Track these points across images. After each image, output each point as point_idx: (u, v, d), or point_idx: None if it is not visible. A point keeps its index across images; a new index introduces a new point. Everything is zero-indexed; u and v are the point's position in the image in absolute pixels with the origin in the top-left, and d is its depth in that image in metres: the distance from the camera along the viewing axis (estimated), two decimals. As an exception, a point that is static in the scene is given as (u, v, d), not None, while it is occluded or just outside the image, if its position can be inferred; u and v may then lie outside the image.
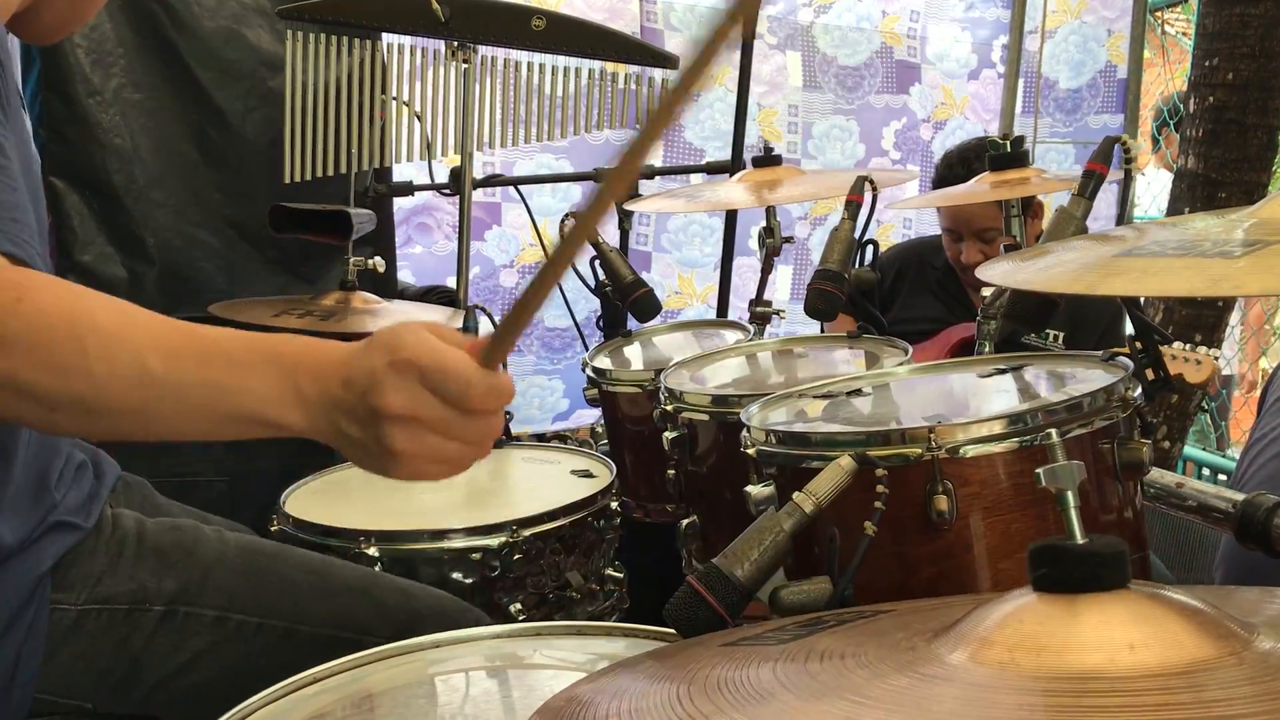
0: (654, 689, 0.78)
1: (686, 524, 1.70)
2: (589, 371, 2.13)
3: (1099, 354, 1.34)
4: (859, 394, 1.44)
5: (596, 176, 3.13)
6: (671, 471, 1.73)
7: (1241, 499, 1.30)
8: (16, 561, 1.32)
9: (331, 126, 2.73)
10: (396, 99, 2.75)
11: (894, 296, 3.15)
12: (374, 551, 1.72)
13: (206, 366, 1.00)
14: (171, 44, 3.00)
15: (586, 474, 2.04)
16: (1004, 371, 1.41)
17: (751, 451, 1.28)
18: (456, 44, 2.59)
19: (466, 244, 2.66)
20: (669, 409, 1.70)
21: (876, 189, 1.89)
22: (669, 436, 1.69)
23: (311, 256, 3.14)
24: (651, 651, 0.96)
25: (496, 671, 1.32)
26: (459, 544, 1.75)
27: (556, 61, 2.78)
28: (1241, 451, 2.11)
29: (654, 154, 0.84)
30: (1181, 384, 2.62)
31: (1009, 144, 2.06)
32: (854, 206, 1.88)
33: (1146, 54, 4.61)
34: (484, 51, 2.67)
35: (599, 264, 2.33)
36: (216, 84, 3.04)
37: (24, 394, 0.99)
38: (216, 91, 3.04)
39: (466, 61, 2.59)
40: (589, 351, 2.25)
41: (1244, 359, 5.25)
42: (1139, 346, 1.33)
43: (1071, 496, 0.82)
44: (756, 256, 2.36)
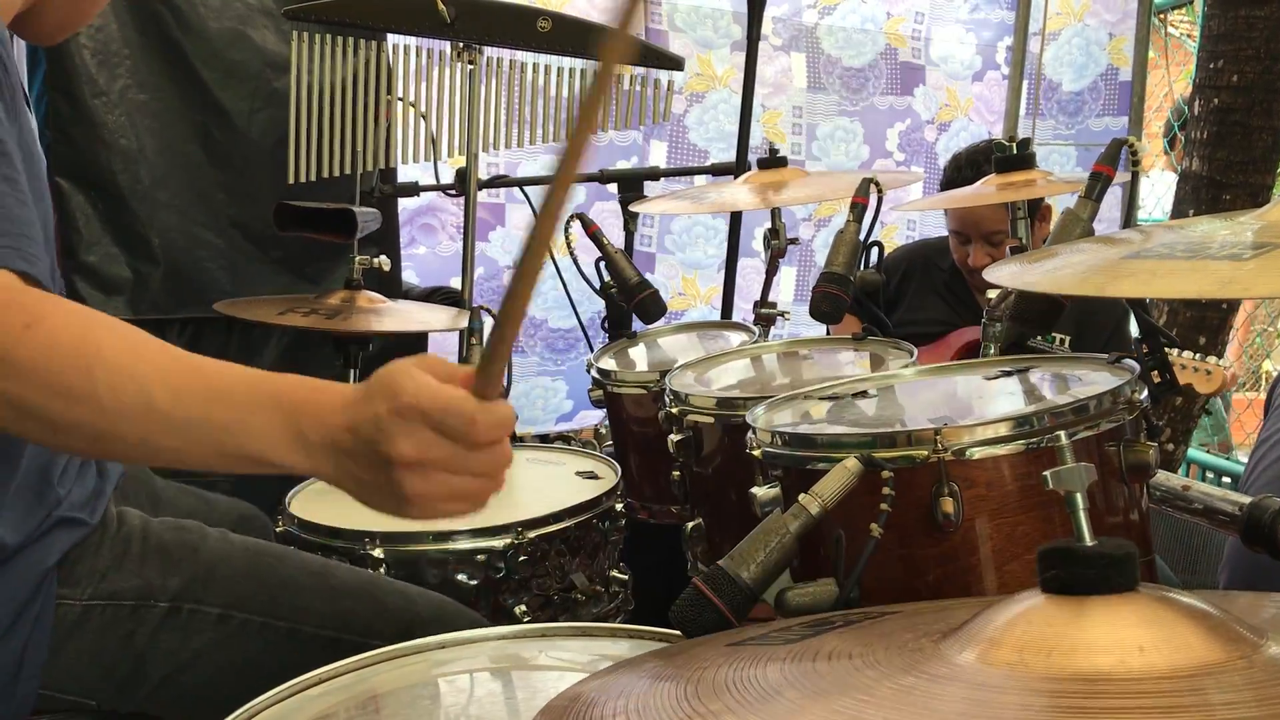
0: (659, 688, 0.78)
1: (691, 526, 1.70)
2: (594, 373, 2.13)
3: (1105, 356, 1.34)
4: (864, 396, 1.43)
5: (600, 179, 3.13)
6: (676, 473, 1.73)
7: (1248, 502, 1.30)
8: (22, 556, 1.33)
9: (337, 127, 2.73)
10: (402, 100, 2.75)
11: (900, 298, 3.15)
12: (379, 553, 1.72)
13: (211, 405, 1.02)
14: (177, 45, 3.00)
15: (591, 475, 2.04)
16: (1010, 374, 1.41)
17: (757, 453, 1.28)
18: (462, 45, 2.58)
19: (471, 245, 2.65)
20: (674, 411, 1.69)
21: (881, 191, 1.89)
22: (674, 438, 1.68)
23: (316, 257, 3.14)
24: (656, 651, 0.96)
25: (501, 673, 1.32)
26: (464, 545, 1.75)
27: (561, 63, 2.78)
28: (1250, 453, 2.10)
29: (585, 162, 0.85)
30: (1190, 393, 2.62)
31: (1015, 146, 2.06)
32: (859, 209, 1.88)
33: (1150, 55, 4.60)
34: (489, 52, 2.67)
35: (604, 265, 2.33)
36: (222, 84, 3.05)
37: (33, 417, 1.01)
38: (222, 92, 3.05)
39: (472, 62, 2.58)
40: (594, 353, 2.25)
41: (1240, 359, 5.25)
42: (1145, 349, 1.32)
43: (1080, 499, 0.82)
44: (761, 258, 2.36)
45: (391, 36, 2.80)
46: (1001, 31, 4.38)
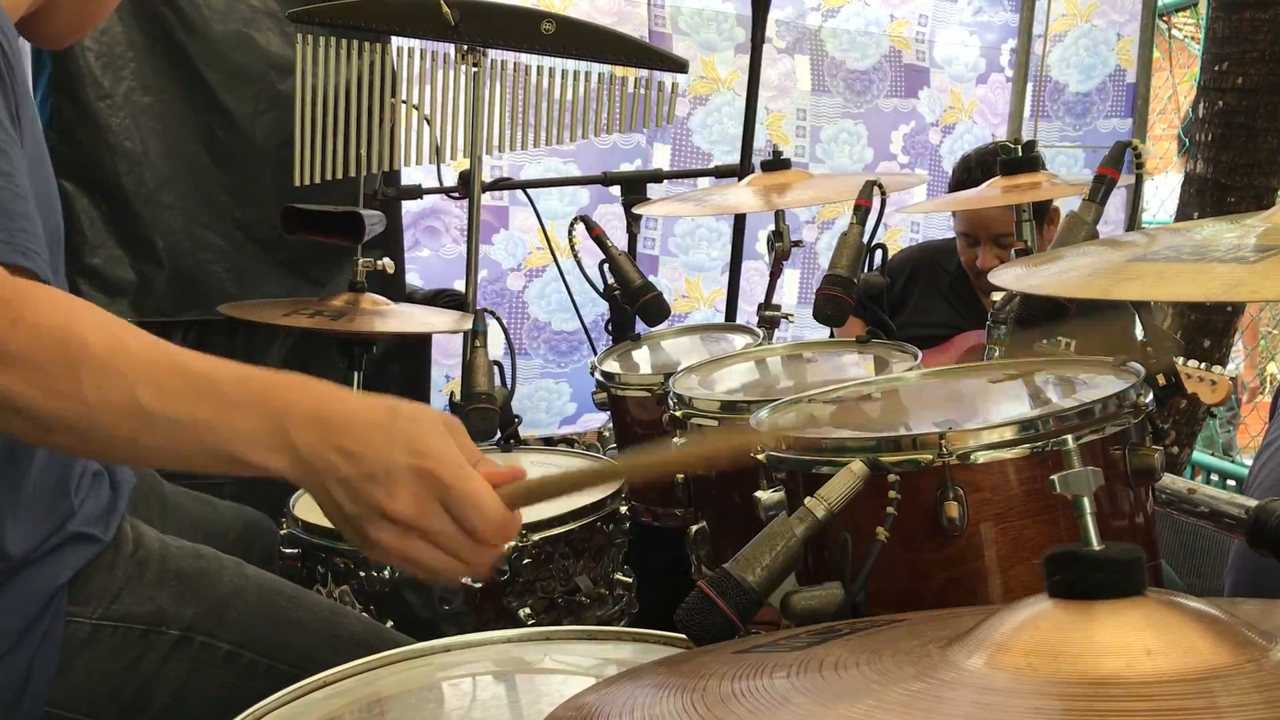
0: (665, 698, 0.77)
1: (696, 529, 1.70)
2: (598, 375, 2.13)
3: (1110, 359, 1.34)
4: (869, 399, 1.43)
5: (604, 181, 3.13)
6: (680, 476, 1.73)
7: (1254, 505, 1.30)
8: (32, 570, 1.32)
9: (341, 130, 2.73)
10: (406, 102, 2.75)
11: (905, 301, 3.14)
12: (382, 555, 1.72)
13: (195, 403, 1.00)
14: (181, 47, 3.01)
15: (595, 478, 2.03)
16: (1015, 377, 1.41)
17: (761, 457, 1.27)
18: (466, 47, 2.59)
19: (475, 247, 2.65)
20: (677, 414, 1.69)
21: (885, 193, 1.89)
22: (677, 441, 1.68)
23: (320, 259, 3.15)
24: (661, 659, 0.96)
25: (505, 676, 1.32)
26: (468, 548, 1.74)
27: (565, 65, 2.78)
28: (1255, 456, 2.10)
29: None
30: (1195, 402, 2.62)
31: (1020, 149, 2.05)
32: (863, 211, 1.88)
33: (1155, 57, 4.60)
34: (493, 55, 2.67)
35: (607, 268, 2.33)
36: (226, 87, 3.05)
37: (19, 411, 1.00)
38: (226, 94, 3.05)
39: (476, 65, 2.59)
40: (597, 355, 2.25)
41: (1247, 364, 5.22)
42: (1149, 352, 1.32)
43: (1088, 503, 0.82)
44: (764, 260, 2.36)
45: (396, 39, 2.80)
46: (1005, 34, 4.38)
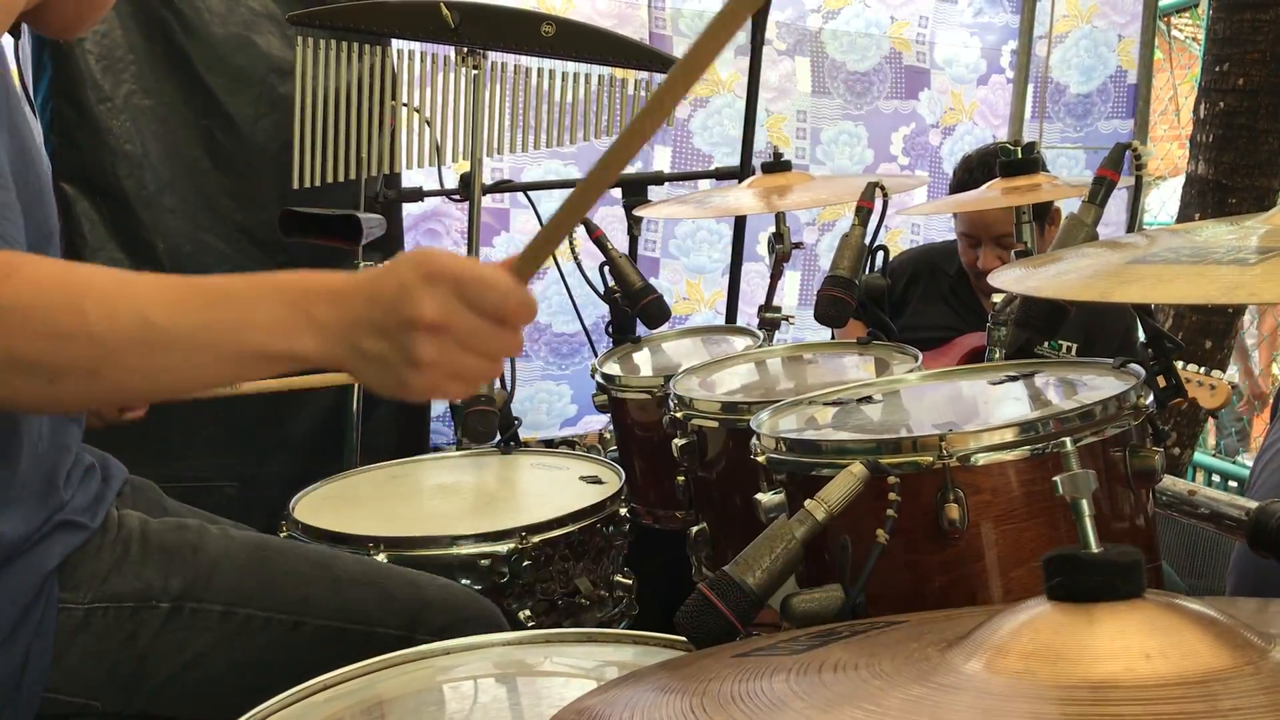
0: (666, 701, 0.77)
1: (696, 531, 1.70)
2: (598, 377, 2.13)
3: (1110, 361, 1.34)
4: (869, 401, 1.43)
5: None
6: (681, 478, 1.73)
7: (1254, 507, 1.29)
8: (23, 559, 1.32)
9: (341, 132, 2.73)
10: (406, 105, 2.76)
11: (905, 303, 3.14)
12: (383, 558, 1.72)
13: (209, 308, 1.01)
14: (182, 50, 3.01)
15: (595, 480, 2.04)
16: (1015, 379, 1.41)
17: (761, 459, 1.27)
18: (466, 50, 2.59)
19: (476, 250, 2.65)
20: (678, 415, 1.69)
21: (886, 195, 1.89)
22: (678, 443, 1.68)
23: (321, 262, 3.12)
24: (662, 663, 0.96)
25: (506, 679, 1.32)
26: (468, 550, 1.75)
27: (566, 67, 2.78)
28: (1255, 458, 2.10)
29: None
30: (1195, 406, 2.62)
31: (1020, 150, 2.05)
32: (864, 213, 1.88)
33: (1156, 58, 4.59)
34: (493, 57, 2.67)
35: (608, 270, 2.33)
36: (227, 90, 3.06)
37: (23, 368, 0.99)
38: (226, 97, 3.06)
39: (476, 67, 2.59)
40: (598, 357, 2.25)
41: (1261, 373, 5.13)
42: (1150, 353, 1.32)
43: (1087, 505, 0.82)
44: (765, 262, 2.36)
45: (396, 42, 2.80)
46: (1006, 35, 4.37)
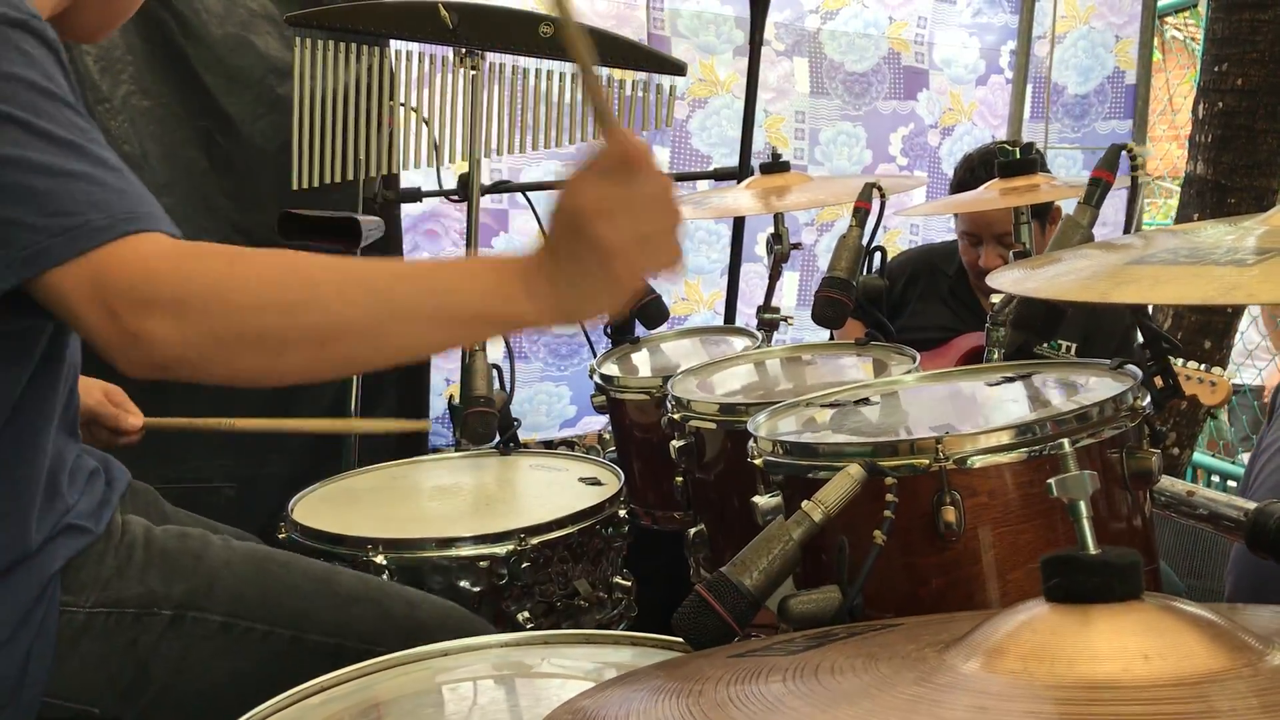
0: (662, 702, 0.77)
1: (694, 532, 1.70)
2: (596, 378, 2.12)
3: (1107, 362, 1.34)
4: (867, 403, 1.43)
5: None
6: (679, 479, 1.73)
7: (1253, 507, 1.29)
8: (26, 562, 1.32)
9: (340, 133, 2.74)
10: (405, 105, 2.76)
11: (904, 304, 3.13)
12: (381, 559, 1.72)
13: (433, 276, 1.10)
14: (180, 51, 3.01)
15: (594, 481, 2.04)
16: (1012, 380, 1.40)
17: (758, 462, 1.27)
18: (465, 50, 2.59)
19: (475, 251, 2.65)
20: (676, 417, 1.69)
21: (884, 196, 1.89)
22: (676, 445, 1.68)
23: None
24: (658, 664, 0.96)
25: (504, 680, 1.32)
26: (467, 552, 1.74)
27: (564, 68, 2.78)
28: (1250, 458, 2.10)
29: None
30: (1195, 404, 2.61)
31: (1019, 150, 2.05)
32: (862, 213, 1.88)
33: (1155, 59, 4.59)
34: (492, 58, 2.67)
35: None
36: (225, 91, 3.05)
37: (253, 344, 1.06)
38: (225, 98, 3.05)
39: (474, 68, 2.59)
40: (596, 358, 2.24)
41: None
42: (1148, 354, 1.32)
43: (1084, 507, 0.82)
44: (764, 263, 2.36)
45: (394, 43, 2.80)
46: (1005, 35, 4.38)
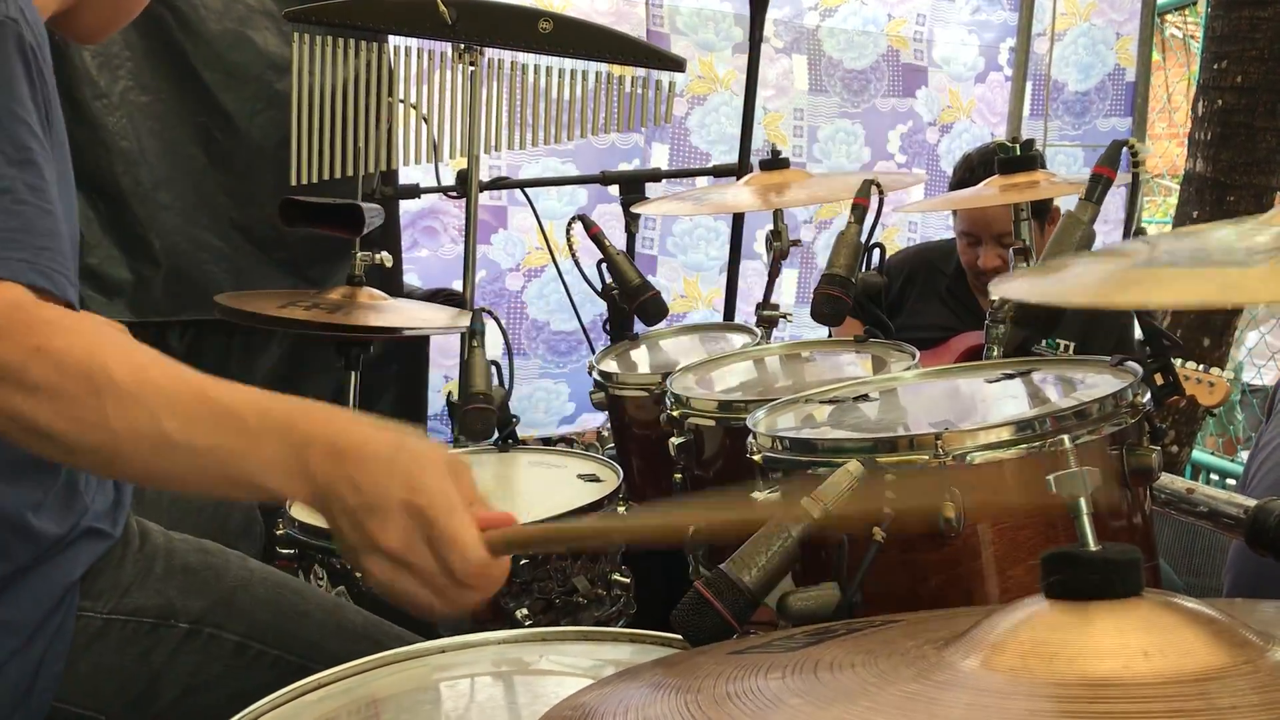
0: (661, 698, 0.77)
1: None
2: (595, 375, 2.12)
3: (1107, 359, 1.34)
4: (866, 399, 1.43)
5: (602, 181, 3.12)
6: (678, 476, 1.72)
7: (1253, 505, 1.29)
8: (50, 566, 1.33)
9: (338, 129, 2.73)
10: (403, 101, 2.75)
11: (902, 303, 3.14)
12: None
13: (218, 432, 1.04)
14: (178, 46, 3.00)
15: (593, 478, 2.03)
16: (1012, 376, 1.40)
17: (757, 458, 1.27)
18: (463, 46, 2.59)
19: (473, 247, 2.65)
20: (675, 414, 1.69)
21: (883, 193, 1.88)
22: (675, 441, 1.68)
23: (319, 259, 3.14)
24: (656, 660, 0.96)
25: (502, 677, 1.32)
26: (465, 548, 1.74)
27: (563, 64, 2.78)
28: (1249, 455, 2.10)
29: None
30: (1193, 404, 2.62)
31: (1018, 147, 2.05)
32: (860, 210, 1.88)
33: (1155, 57, 4.59)
34: (490, 54, 2.67)
35: (605, 267, 2.33)
36: (223, 86, 3.04)
37: (44, 437, 1.03)
38: (223, 94, 3.05)
39: (473, 64, 2.59)
40: (595, 355, 2.24)
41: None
42: (1148, 351, 1.32)
43: (1084, 504, 0.82)
44: (762, 260, 2.36)
45: (393, 38, 2.80)
46: (1004, 33, 4.37)
